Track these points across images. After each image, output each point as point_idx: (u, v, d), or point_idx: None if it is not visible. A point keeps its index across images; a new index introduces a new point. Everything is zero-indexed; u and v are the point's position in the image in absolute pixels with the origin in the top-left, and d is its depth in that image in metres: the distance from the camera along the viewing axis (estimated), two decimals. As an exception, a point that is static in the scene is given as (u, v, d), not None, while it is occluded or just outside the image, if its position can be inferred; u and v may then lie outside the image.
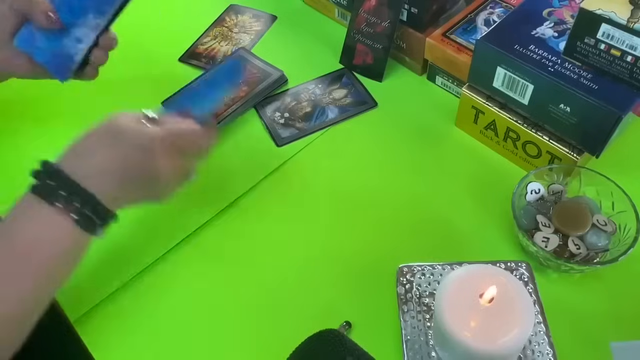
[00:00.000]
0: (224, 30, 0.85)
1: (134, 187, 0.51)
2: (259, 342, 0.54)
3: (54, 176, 0.47)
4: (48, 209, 0.46)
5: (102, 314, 0.56)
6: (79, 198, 0.47)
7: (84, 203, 0.47)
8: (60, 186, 0.47)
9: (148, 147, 0.50)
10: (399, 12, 0.72)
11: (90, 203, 0.47)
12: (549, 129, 0.62)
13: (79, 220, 0.47)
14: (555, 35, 0.61)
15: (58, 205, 0.46)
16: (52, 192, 0.46)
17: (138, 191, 0.52)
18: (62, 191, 0.46)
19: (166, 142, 0.51)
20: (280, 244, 0.61)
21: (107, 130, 0.50)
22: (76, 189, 0.47)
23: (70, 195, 0.46)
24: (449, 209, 0.63)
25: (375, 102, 0.74)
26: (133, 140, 0.50)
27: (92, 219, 0.48)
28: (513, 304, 0.45)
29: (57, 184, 0.47)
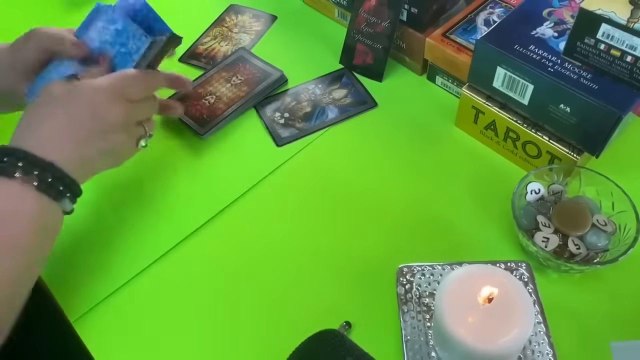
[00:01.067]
0: (224, 30, 0.85)
1: (89, 145, 0.51)
2: (259, 342, 0.54)
3: (9, 153, 0.47)
4: (8, 182, 0.46)
5: (102, 314, 0.56)
6: (37, 167, 0.47)
7: (42, 170, 0.47)
8: (16, 160, 0.47)
9: (92, 100, 0.51)
10: (399, 12, 0.72)
11: (49, 169, 0.48)
12: (549, 129, 0.62)
13: (39, 186, 0.47)
14: (555, 35, 0.61)
15: (17, 176, 0.46)
16: (9, 167, 0.47)
17: (94, 149, 0.52)
18: (20, 163, 0.47)
19: (107, 90, 0.52)
20: (280, 244, 0.61)
21: (46, 100, 0.51)
22: (32, 158, 0.47)
23: (28, 166, 0.47)
24: (449, 209, 0.63)
25: (375, 102, 0.74)
26: (76, 98, 0.51)
27: (54, 185, 0.48)
28: (513, 304, 0.45)
29: (13, 159, 0.47)
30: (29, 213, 0.47)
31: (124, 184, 0.66)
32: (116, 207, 0.64)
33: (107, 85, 0.53)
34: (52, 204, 0.48)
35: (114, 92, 0.53)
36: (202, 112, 0.72)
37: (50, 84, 0.53)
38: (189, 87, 0.69)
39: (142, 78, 0.56)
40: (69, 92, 0.52)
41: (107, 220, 0.63)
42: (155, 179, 0.67)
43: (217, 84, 0.75)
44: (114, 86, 0.53)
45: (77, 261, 0.60)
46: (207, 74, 0.77)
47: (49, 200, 0.48)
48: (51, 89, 0.52)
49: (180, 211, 0.64)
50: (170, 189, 0.66)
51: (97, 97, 0.52)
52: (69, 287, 0.58)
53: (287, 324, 0.55)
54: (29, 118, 0.51)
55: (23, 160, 0.47)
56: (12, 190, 0.46)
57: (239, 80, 0.75)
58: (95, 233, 0.62)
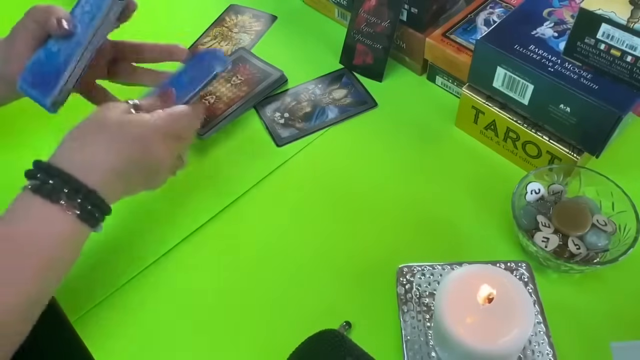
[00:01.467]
0: (224, 30, 0.85)
1: (133, 178, 0.52)
2: (259, 342, 0.54)
3: (53, 175, 0.47)
4: (51, 206, 0.46)
5: (102, 314, 0.56)
6: (81, 194, 0.47)
7: (85, 198, 0.47)
8: (62, 184, 0.47)
9: (144, 137, 0.50)
10: (399, 12, 0.72)
11: (90, 197, 0.48)
12: (549, 129, 0.62)
13: (80, 214, 0.47)
14: (555, 35, 0.61)
15: (62, 203, 0.46)
16: (54, 191, 0.47)
17: (137, 182, 0.53)
18: (65, 189, 0.47)
19: (161, 129, 0.52)
20: (280, 244, 0.61)
21: (99, 124, 0.51)
22: (77, 185, 0.47)
23: (72, 192, 0.47)
24: (449, 209, 0.63)
25: (375, 102, 0.74)
26: (129, 131, 0.50)
27: (93, 213, 0.48)
28: (513, 304, 0.45)
29: (58, 183, 0.47)
30: (65, 238, 0.47)
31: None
32: (116, 207, 0.64)
33: (162, 126, 0.52)
34: (85, 227, 0.49)
35: (166, 132, 0.52)
36: (202, 112, 0.72)
37: (106, 108, 0.52)
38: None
39: (194, 115, 0.56)
40: (124, 124, 0.50)
41: (107, 220, 0.63)
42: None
43: (217, 84, 0.75)
44: (166, 126, 0.53)
45: (77, 261, 0.60)
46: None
47: (84, 226, 0.48)
48: (106, 115, 0.51)
49: (180, 211, 0.64)
50: (170, 189, 0.66)
51: (151, 137, 0.51)
52: (69, 287, 0.58)
53: (287, 324, 0.55)
54: (77, 139, 0.50)
55: (68, 185, 0.47)
56: (54, 215, 0.47)
57: (239, 80, 0.75)
58: (95, 233, 0.62)
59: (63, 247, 0.48)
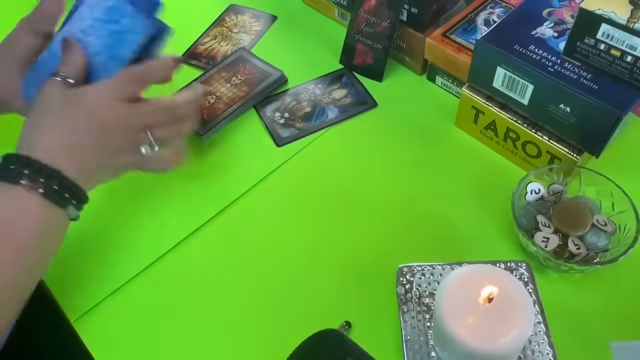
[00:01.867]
0: (224, 30, 0.85)
1: (95, 152, 0.51)
2: (259, 342, 0.54)
3: (15, 161, 0.47)
4: (14, 189, 0.46)
5: (102, 314, 0.56)
6: (43, 174, 0.47)
7: (48, 178, 0.47)
8: (22, 167, 0.47)
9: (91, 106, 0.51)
10: (399, 12, 0.72)
11: (54, 177, 0.48)
12: (549, 129, 0.62)
13: (45, 193, 0.47)
14: (555, 35, 0.61)
15: (23, 183, 0.46)
16: (15, 174, 0.47)
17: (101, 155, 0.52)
18: (25, 170, 0.47)
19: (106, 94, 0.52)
20: (280, 244, 0.61)
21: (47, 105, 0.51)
22: (37, 166, 0.47)
23: (33, 173, 0.47)
24: (449, 209, 0.63)
25: (375, 102, 0.74)
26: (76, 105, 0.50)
27: (60, 192, 0.48)
28: (513, 304, 0.45)
29: (19, 166, 0.47)
30: (34, 219, 0.47)
31: (124, 184, 0.66)
32: (116, 207, 0.65)
33: (104, 91, 0.53)
34: (57, 210, 0.48)
35: (111, 96, 0.53)
36: (202, 112, 0.72)
37: (47, 88, 0.52)
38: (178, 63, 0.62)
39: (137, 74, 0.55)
40: (69, 100, 0.51)
41: (107, 220, 0.63)
42: (155, 179, 0.67)
43: (217, 84, 0.75)
44: (110, 90, 0.53)
45: (77, 261, 0.60)
46: (207, 74, 0.77)
47: (54, 207, 0.48)
48: (49, 96, 0.51)
49: (180, 211, 0.64)
50: (170, 189, 0.66)
51: (96, 104, 0.52)
52: (69, 287, 0.58)
53: (287, 324, 0.55)
54: (33, 125, 0.51)
55: (29, 167, 0.47)
56: (17, 196, 0.47)
57: (239, 80, 0.75)
58: (95, 233, 0.62)
59: (35, 230, 0.47)
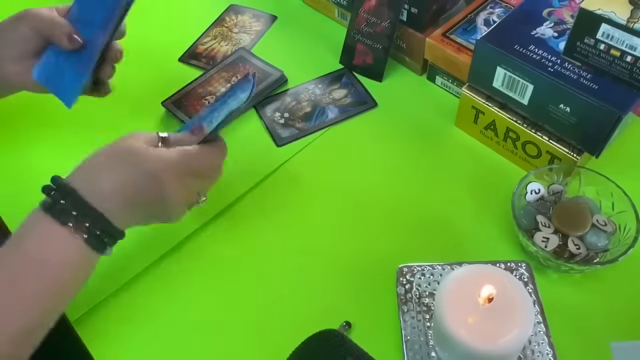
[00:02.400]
0: (224, 30, 0.85)
1: (143, 209, 0.51)
2: (259, 342, 0.54)
3: (66, 195, 0.47)
4: (59, 228, 0.46)
5: (102, 314, 0.56)
6: (90, 219, 0.47)
7: (94, 223, 0.47)
8: (72, 206, 0.47)
9: (159, 174, 0.50)
10: (399, 12, 0.72)
11: (100, 223, 0.47)
12: (549, 129, 0.62)
13: (88, 239, 0.47)
14: (555, 35, 0.61)
15: (69, 226, 0.46)
16: (63, 212, 0.46)
17: (147, 214, 0.52)
18: (74, 211, 0.46)
19: (177, 168, 0.51)
20: (280, 244, 0.61)
21: (120, 151, 0.50)
22: (87, 209, 0.47)
23: (81, 216, 0.47)
24: (449, 209, 0.63)
25: (375, 102, 0.74)
26: (145, 165, 0.49)
27: (101, 238, 0.48)
28: (513, 304, 0.45)
29: (68, 204, 0.47)
30: (72, 262, 0.47)
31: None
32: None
33: (176, 163, 0.51)
34: (94, 253, 0.48)
35: (183, 171, 0.52)
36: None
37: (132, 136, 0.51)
38: None
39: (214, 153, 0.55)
40: (142, 157, 0.50)
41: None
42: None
43: (217, 84, 0.75)
44: (184, 165, 0.52)
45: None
46: (207, 74, 0.77)
47: (92, 252, 0.48)
48: (129, 144, 0.50)
49: (180, 211, 0.64)
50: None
51: (165, 175, 0.50)
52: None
53: (287, 324, 0.55)
54: (96, 162, 0.50)
55: (77, 207, 0.47)
56: (61, 236, 0.46)
57: (239, 80, 0.75)
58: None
59: (68, 272, 0.47)
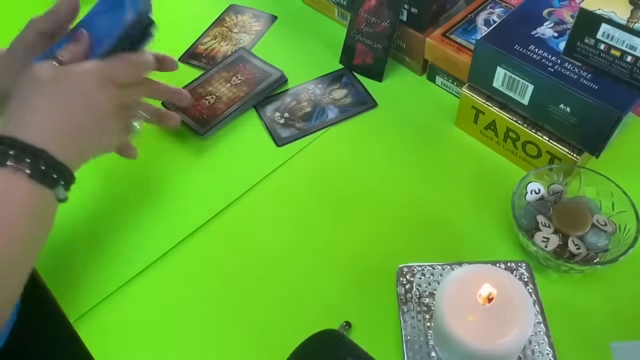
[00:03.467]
0: (224, 30, 0.85)
1: (80, 131, 0.51)
2: (259, 342, 0.54)
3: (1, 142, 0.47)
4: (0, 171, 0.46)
5: (102, 314, 0.56)
6: (29, 155, 0.46)
7: (34, 158, 0.47)
8: (8, 147, 0.46)
9: (82, 87, 0.50)
10: (399, 12, 0.72)
11: (41, 157, 0.47)
12: (549, 129, 0.62)
13: (32, 173, 0.46)
14: (555, 35, 0.61)
15: (9, 164, 0.46)
16: (1, 156, 0.46)
17: (85, 134, 0.51)
18: (11, 151, 0.46)
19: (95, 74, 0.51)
20: (280, 244, 0.61)
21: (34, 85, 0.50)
22: (23, 146, 0.47)
23: (20, 154, 0.46)
24: (449, 209, 0.63)
25: (375, 102, 0.74)
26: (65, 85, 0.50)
27: (47, 173, 0.47)
28: (513, 304, 0.45)
29: (4, 147, 0.46)
30: (21, 201, 0.46)
31: (124, 184, 0.66)
32: (116, 207, 0.64)
33: (95, 70, 0.52)
34: (45, 191, 0.48)
35: (102, 76, 0.52)
36: (202, 112, 0.72)
37: (35, 68, 0.51)
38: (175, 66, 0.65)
39: (130, 60, 0.55)
40: (57, 77, 0.50)
41: (107, 220, 0.63)
42: (155, 179, 0.67)
43: (217, 84, 0.75)
44: (102, 70, 0.52)
45: (77, 261, 0.60)
46: (207, 74, 0.77)
47: (42, 188, 0.47)
48: (37, 74, 0.51)
49: (180, 211, 0.64)
50: (170, 189, 0.66)
51: (86, 82, 0.51)
52: (69, 287, 0.58)
53: (287, 324, 0.55)
54: (17, 105, 0.50)
55: (14, 148, 0.46)
56: (3, 178, 0.46)
57: (239, 80, 0.75)
58: (95, 233, 0.62)
59: (23, 211, 0.46)
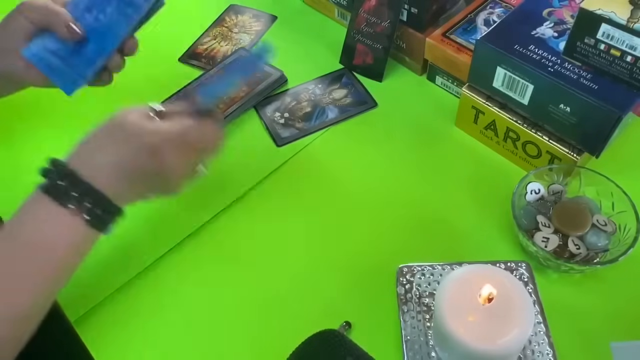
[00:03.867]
0: (224, 31, 0.85)
1: (143, 184, 0.51)
2: (259, 342, 0.54)
3: (65, 176, 0.46)
4: (59, 209, 0.46)
5: (102, 314, 0.56)
6: (91, 198, 0.47)
7: (95, 203, 0.47)
8: (71, 187, 0.46)
9: (157, 146, 0.49)
10: (399, 12, 0.72)
11: (101, 203, 0.47)
12: (549, 129, 0.62)
13: (90, 220, 0.47)
14: (555, 35, 0.61)
15: (70, 207, 0.46)
16: (63, 193, 0.46)
17: (147, 188, 0.52)
18: (74, 192, 0.46)
19: (176, 139, 0.50)
20: (280, 244, 0.61)
21: (115, 128, 0.50)
22: (87, 189, 0.47)
23: (82, 196, 0.46)
24: (449, 209, 0.63)
25: (375, 102, 0.74)
26: (142, 139, 0.49)
27: (102, 217, 0.48)
28: (513, 304, 0.45)
29: (68, 185, 0.46)
30: (74, 243, 0.47)
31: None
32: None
33: (174, 135, 0.51)
34: (95, 232, 0.48)
35: (180, 142, 0.51)
36: (202, 112, 0.72)
37: (127, 112, 0.51)
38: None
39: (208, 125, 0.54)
40: (138, 130, 0.49)
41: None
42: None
43: (217, 84, 0.75)
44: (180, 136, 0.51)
45: (77, 261, 0.60)
46: (207, 74, 0.77)
47: (93, 230, 0.48)
48: (125, 119, 0.50)
49: (180, 211, 0.64)
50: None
51: (162, 147, 0.50)
52: (69, 287, 0.58)
53: (287, 324, 0.55)
54: (92, 140, 0.50)
55: (77, 188, 0.46)
56: (62, 218, 0.46)
57: (239, 80, 0.75)
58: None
59: (70, 253, 0.47)
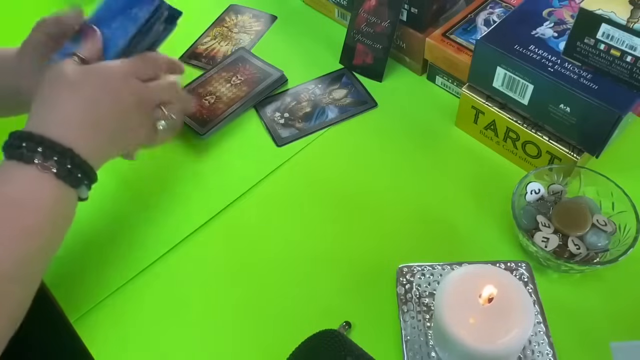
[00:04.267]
0: (224, 30, 0.85)
1: (106, 128, 0.51)
2: (259, 342, 0.54)
3: (27, 138, 0.47)
4: (27, 168, 0.46)
5: (102, 314, 0.56)
6: (56, 153, 0.47)
7: (61, 156, 0.47)
8: (35, 145, 0.46)
9: (105, 81, 0.50)
10: (399, 12, 0.72)
11: (67, 156, 0.47)
12: (549, 129, 0.62)
13: (58, 173, 0.47)
14: (555, 35, 0.61)
15: (37, 162, 0.46)
16: (28, 153, 0.46)
17: (111, 131, 0.52)
18: (39, 148, 0.46)
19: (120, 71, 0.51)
20: (280, 245, 0.61)
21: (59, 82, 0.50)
22: (50, 144, 0.47)
23: (47, 152, 0.46)
24: (449, 209, 0.63)
25: (375, 102, 0.74)
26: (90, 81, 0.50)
27: (72, 172, 0.47)
28: (513, 304, 0.45)
29: (31, 145, 0.46)
30: (46, 200, 0.47)
31: (124, 184, 0.66)
32: (116, 207, 0.65)
33: (119, 66, 0.53)
34: (69, 190, 0.48)
35: (126, 72, 0.52)
36: (202, 112, 0.72)
37: (60, 65, 0.51)
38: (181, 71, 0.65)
39: (150, 57, 0.56)
40: (83, 74, 0.51)
41: (107, 220, 0.63)
42: (155, 179, 0.67)
43: (217, 84, 0.75)
44: (125, 66, 0.53)
45: (77, 261, 0.60)
46: (207, 74, 0.77)
47: (66, 188, 0.48)
48: (63, 70, 0.51)
49: (180, 211, 0.64)
50: (170, 189, 0.66)
51: (111, 78, 0.51)
52: (69, 287, 0.58)
53: (287, 324, 0.55)
54: (43, 101, 0.50)
55: (41, 145, 0.46)
56: (30, 176, 0.46)
57: (239, 81, 0.75)
58: (94, 233, 0.62)
59: (46, 211, 0.47)
